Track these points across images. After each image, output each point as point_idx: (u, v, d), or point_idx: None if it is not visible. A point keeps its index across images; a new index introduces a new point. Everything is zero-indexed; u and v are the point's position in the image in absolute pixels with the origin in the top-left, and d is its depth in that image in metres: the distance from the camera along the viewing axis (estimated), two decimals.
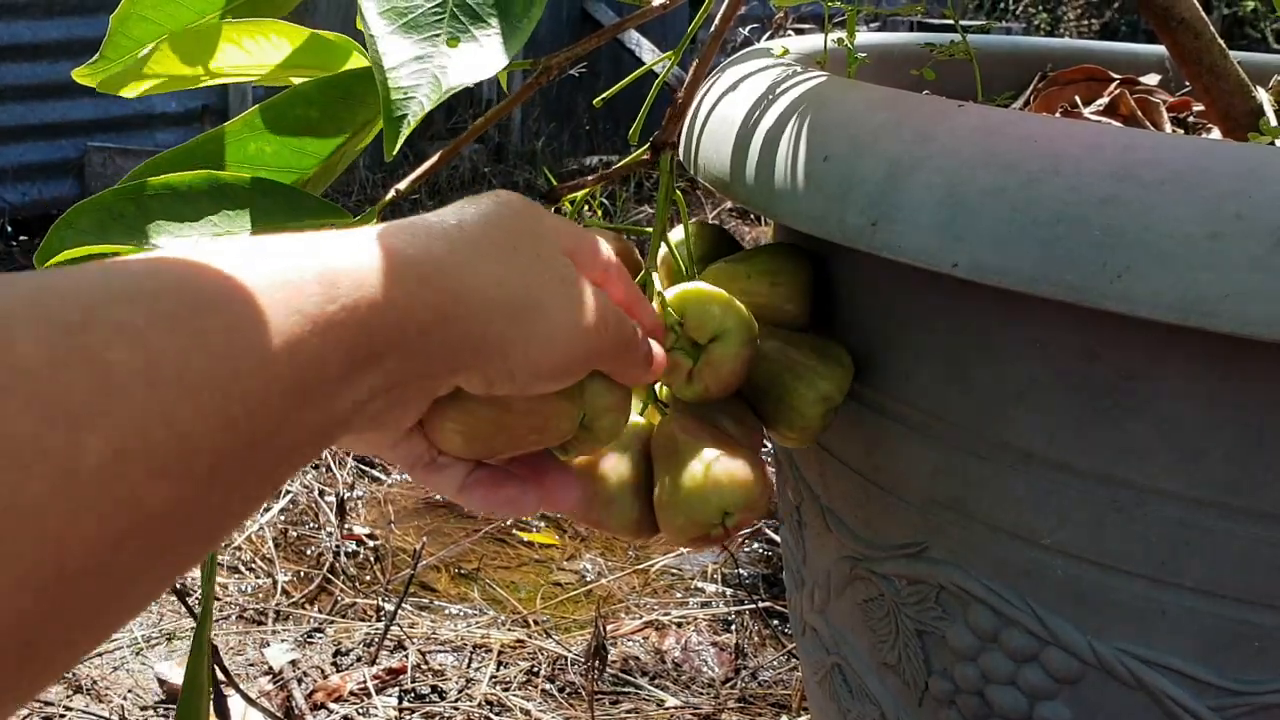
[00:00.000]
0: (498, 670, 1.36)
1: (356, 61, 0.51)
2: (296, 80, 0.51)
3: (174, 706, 1.30)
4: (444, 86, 0.40)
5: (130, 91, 0.52)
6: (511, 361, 0.38)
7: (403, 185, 0.49)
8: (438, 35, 0.41)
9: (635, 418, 0.54)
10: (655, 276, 0.56)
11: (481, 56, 0.41)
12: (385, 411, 0.36)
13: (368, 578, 1.60)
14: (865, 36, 0.79)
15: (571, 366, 0.40)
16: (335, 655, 1.39)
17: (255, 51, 0.50)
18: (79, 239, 0.42)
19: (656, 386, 0.56)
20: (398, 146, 0.40)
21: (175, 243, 0.43)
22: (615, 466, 0.53)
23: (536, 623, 1.47)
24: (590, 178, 0.57)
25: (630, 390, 0.47)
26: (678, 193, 0.58)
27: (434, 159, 0.52)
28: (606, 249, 0.44)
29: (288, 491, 1.76)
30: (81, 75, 0.52)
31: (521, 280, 0.38)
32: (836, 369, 0.56)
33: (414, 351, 0.35)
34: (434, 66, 0.41)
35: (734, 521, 0.51)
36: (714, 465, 0.51)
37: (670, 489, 0.51)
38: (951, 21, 0.77)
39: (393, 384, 0.34)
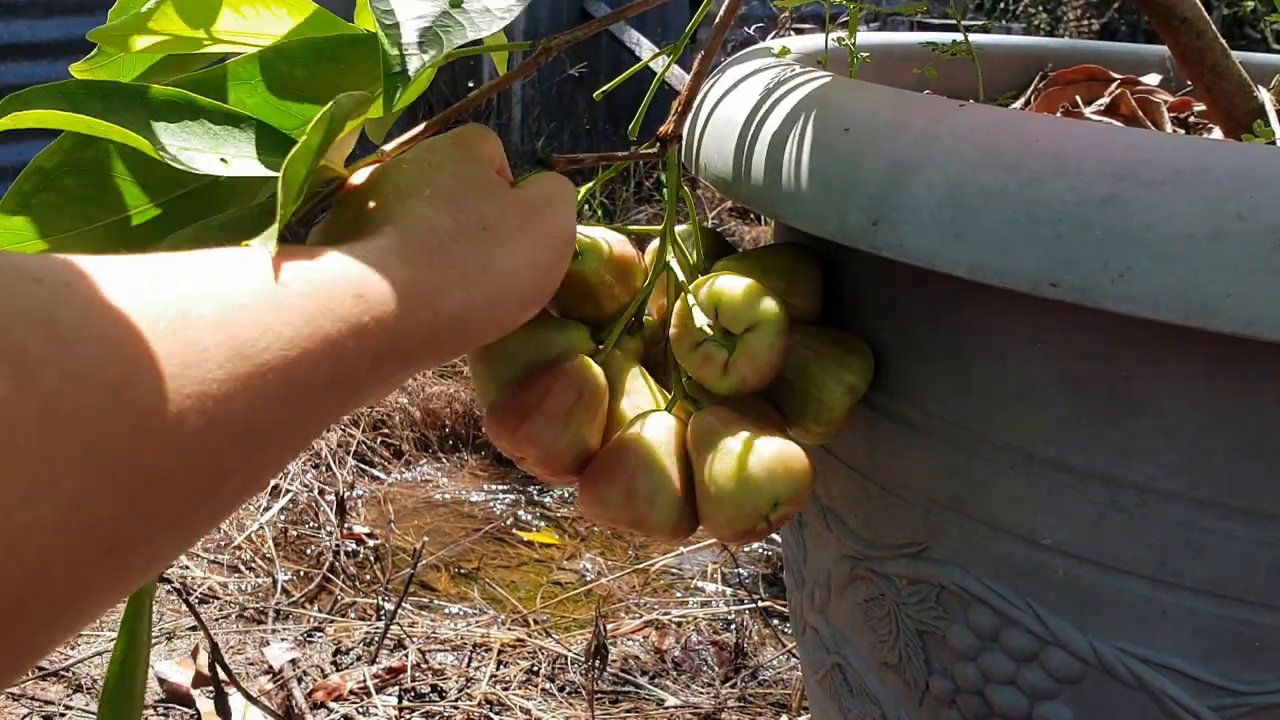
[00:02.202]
0: (498, 670, 1.37)
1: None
2: None
3: (174, 705, 1.30)
4: (446, 43, 0.40)
5: (130, 48, 0.50)
6: (494, 289, 0.42)
7: (389, 147, 0.48)
8: None
9: (668, 415, 0.53)
10: (674, 264, 0.56)
11: (482, 8, 0.41)
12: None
13: (368, 577, 1.60)
14: (866, 36, 0.79)
15: (550, 274, 0.45)
16: (335, 654, 1.39)
17: (254, 19, 0.49)
18: (34, 109, 0.41)
19: (684, 381, 0.56)
20: (396, 105, 0.40)
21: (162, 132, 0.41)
22: (653, 462, 0.51)
23: (536, 622, 1.47)
24: (600, 177, 0.56)
25: None
26: (685, 188, 0.57)
27: (429, 121, 0.50)
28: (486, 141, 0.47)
29: (288, 491, 1.76)
30: (79, 70, 0.51)
31: (500, 258, 0.42)
32: (859, 359, 0.56)
33: (426, 352, 0.39)
34: (437, 25, 0.40)
35: (780, 514, 0.50)
36: (765, 453, 0.50)
37: (718, 480, 0.50)
38: (952, 21, 0.77)
39: (408, 373, 0.39)
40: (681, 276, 0.55)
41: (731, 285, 0.52)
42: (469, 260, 0.40)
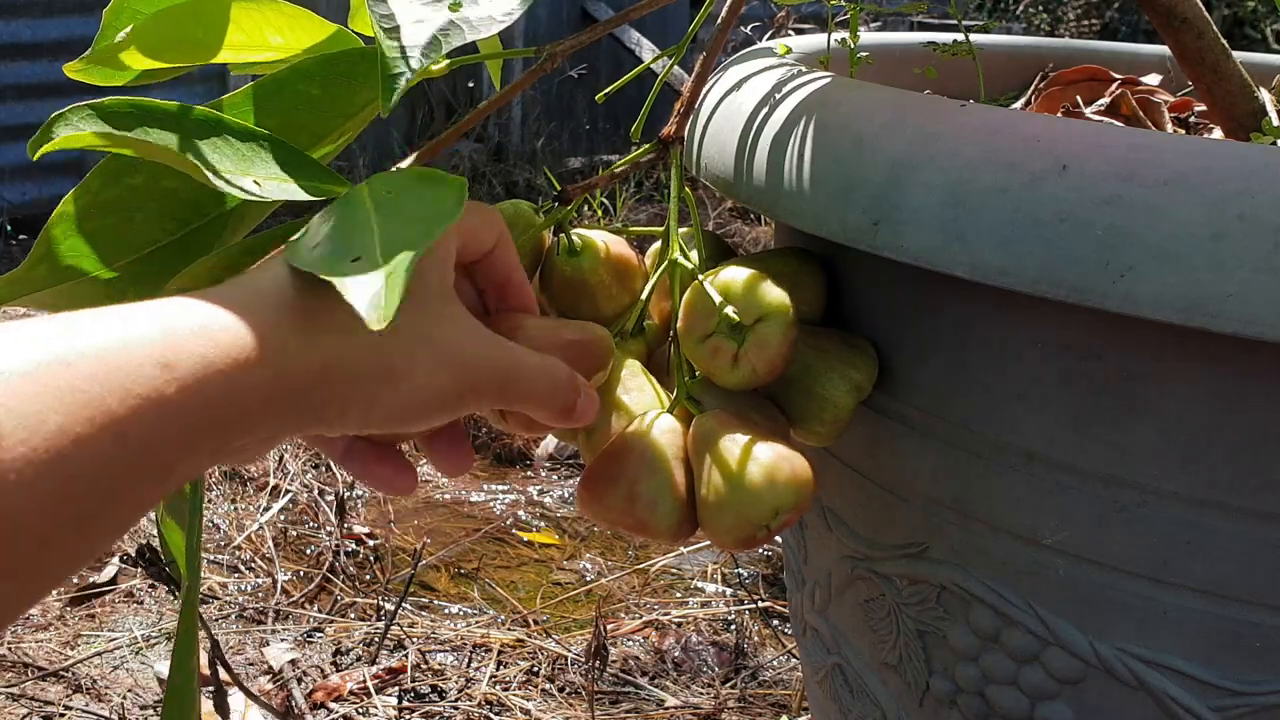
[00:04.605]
0: (497, 670, 1.37)
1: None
2: None
3: None
4: (445, 45, 0.40)
5: (125, 68, 0.51)
6: (372, 418, 0.39)
7: (404, 164, 0.49)
8: (440, 0, 0.41)
9: (669, 416, 0.53)
10: (680, 258, 0.55)
11: (482, 13, 0.41)
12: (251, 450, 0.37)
13: (367, 577, 1.60)
14: (867, 36, 0.79)
15: (434, 417, 0.41)
16: (335, 655, 1.39)
17: (254, 33, 0.50)
18: (77, 129, 0.42)
19: (687, 381, 0.55)
20: (393, 103, 0.40)
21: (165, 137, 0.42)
22: (655, 465, 0.51)
23: (536, 622, 1.47)
24: (600, 175, 0.56)
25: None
26: (687, 189, 0.57)
27: (431, 143, 0.51)
28: (487, 225, 0.45)
29: (287, 491, 1.76)
30: (73, 70, 0.51)
31: (390, 345, 0.38)
32: (864, 359, 0.56)
33: (280, 412, 0.36)
34: (433, 27, 0.41)
35: (780, 522, 0.49)
36: (767, 462, 0.49)
37: (718, 488, 0.49)
38: (952, 21, 0.77)
39: (260, 440, 0.36)
40: (691, 267, 0.54)
41: (740, 276, 0.52)
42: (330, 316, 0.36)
